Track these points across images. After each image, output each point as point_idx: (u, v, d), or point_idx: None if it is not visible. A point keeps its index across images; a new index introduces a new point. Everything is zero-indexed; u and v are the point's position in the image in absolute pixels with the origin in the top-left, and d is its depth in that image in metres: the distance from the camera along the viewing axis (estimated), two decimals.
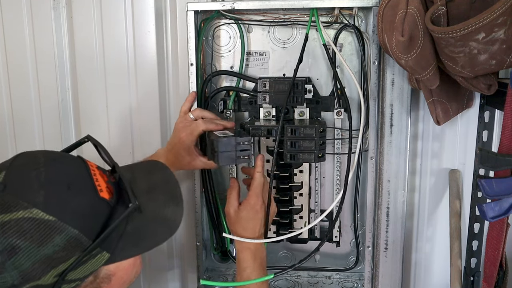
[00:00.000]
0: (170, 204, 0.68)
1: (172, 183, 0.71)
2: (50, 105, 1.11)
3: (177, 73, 1.08)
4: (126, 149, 1.11)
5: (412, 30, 0.72)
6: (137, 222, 0.64)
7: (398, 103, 0.94)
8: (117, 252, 0.62)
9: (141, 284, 1.18)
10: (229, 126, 0.95)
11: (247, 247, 0.90)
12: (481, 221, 0.99)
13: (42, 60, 1.09)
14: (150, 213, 0.65)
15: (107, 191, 0.62)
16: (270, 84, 0.98)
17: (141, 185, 0.68)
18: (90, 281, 0.62)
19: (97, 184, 0.61)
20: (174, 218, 0.68)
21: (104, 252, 0.60)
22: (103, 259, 0.60)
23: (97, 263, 0.60)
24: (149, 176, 0.71)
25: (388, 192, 0.98)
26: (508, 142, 0.72)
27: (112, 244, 0.61)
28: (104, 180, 0.63)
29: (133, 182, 0.67)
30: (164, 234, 0.67)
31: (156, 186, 0.70)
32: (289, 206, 1.07)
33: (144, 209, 0.64)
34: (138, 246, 0.65)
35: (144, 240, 0.65)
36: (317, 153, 0.97)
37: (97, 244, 0.58)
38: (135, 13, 1.05)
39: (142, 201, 0.64)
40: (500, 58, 0.70)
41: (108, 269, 0.63)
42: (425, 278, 1.11)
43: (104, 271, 0.63)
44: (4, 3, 1.07)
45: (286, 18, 0.99)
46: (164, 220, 0.67)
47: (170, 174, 0.73)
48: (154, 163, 0.76)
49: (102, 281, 0.63)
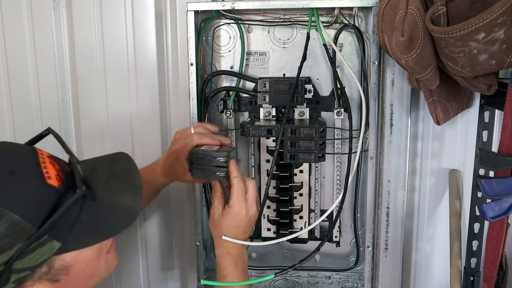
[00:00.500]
0: (128, 193, 0.66)
1: (133, 172, 0.69)
2: (50, 105, 1.11)
3: (177, 73, 1.08)
4: (126, 149, 1.10)
5: (412, 30, 0.72)
6: (92, 211, 0.62)
7: (398, 103, 0.94)
8: (70, 241, 0.60)
9: (141, 284, 1.18)
10: (226, 143, 0.92)
11: (227, 253, 0.86)
12: (481, 221, 0.99)
13: (42, 60, 1.09)
14: (107, 201, 0.64)
15: (57, 179, 0.60)
16: (270, 84, 0.98)
17: (100, 175, 0.67)
18: (44, 272, 0.60)
19: (45, 171, 0.60)
20: (133, 206, 0.65)
21: (53, 241, 0.58)
22: (53, 248, 0.59)
23: (47, 252, 0.58)
24: (110, 166, 0.70)
25: (388, 192, 0.98)
26: (508, 142, 0.72)
27: (62, 232, 0.59)
28: (55, 168, 0.62)
29: (93, 172, 0.65)
30: (122, 223, 0.65)
31: (116, 175, 0.68)
32: (289, 206, 1.07)
33: (101, 197, 0.63)
34: (94, 235, 0.63)
35: (100, 229, 0.63)
36: (317, 153, 0.97)
37: (43, 231, 0.57)
38: (135, 13, 1.05)
39: (99, 190, 0.63)
40: (500, 58, 0.70)
41: (64, 259, 0.61)
42: (425, 278, 1.11)
43: (59, 262, 0.61)
44: (4, 3, 1.07)
45: (286, 18, 0.99)
46: (123, 208, 0.65)
47: (131, 164, 0.71)
48: (118, 154, 0.74)
49: (58, 272, 0.61)
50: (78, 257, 0.63)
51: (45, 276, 0.61)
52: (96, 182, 0.64)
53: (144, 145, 1.11)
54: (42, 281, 0.61)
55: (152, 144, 1.10)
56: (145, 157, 1.11)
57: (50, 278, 0.61)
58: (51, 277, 0.61)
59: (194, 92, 1.00)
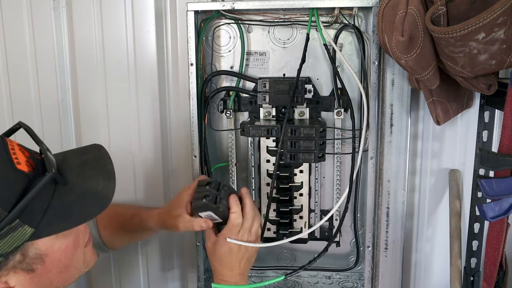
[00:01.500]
0: (100, 179, 0.66)
1: (104, 159, 0.69)
2: (50, 105, 1.11)
3: (177, 73, 1.08)
4: (126, 149, 1.11)
5: (412, 30, 0.72)
6: (64, 196, 0.62)
7: (398, 103, 0.94)
8: (42, 227, 0.59)
9: (141, 284, 1.18)
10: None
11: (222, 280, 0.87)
12: (481, 221, 0.99)
13: (42, 60, 1.09)
14: (79, 187, 0.64)
15: (27, 165, 0.60)
16: (270, 84, 0.98)
17: (71, 162, 0.67)
18: (18, 260, 0.60)
19: (14, 157, 0.60)
20: (105, 192, 0.65)
21: (26, 226, 0.58)
22: (25, 233, 0.58)
23: (19, 238, 0.58)
24: (82, 155, 0.70)
25: (388, 192, 0.98)
26: (508, 142, 0.72)
27: (34, 217, 0.59)
28: (24, 155, 0.62)
29: (64, 161, 0.65)
30: (94, 208, 0.64)
31: (87, 163, 0.68)
32: (289, 206, 1.07)
33: (72, 184, 0.63)
34: (67, 221, 0.62)
35: (73, 215, 0.62)
36: (317, 153, 0.97)
37: (14, 215, 0.56)
38: (135, 13, 1.05)
39: (70, 176, 0.63)
40: (500, 58, 0.70)
41: (38, 247, 0.61)
42: (425, 278, 1.11)
43: (33, 250, 0.61)
44: (4, 3, 1.07)
45: (286, 18, 0.99)
46: (95, 194, 0.64)
47: (103, 153, 0.71)
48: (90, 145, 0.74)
49: (33, 261, 0.61)
50: (53, 246, 0.62)
51: (20, 265, 0.60)
52: (68, 169, 0.64)
53: (144, 145, 1.11)
54: (17, 270, 0.60)
55: (152, 144, 1.10)
56: (145, 157, 1.11)
57: (25, 268, 0.61)
58: (26, 266, 0.61)
59: (194, 92, 1.00)
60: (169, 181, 1.14)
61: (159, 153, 1.11)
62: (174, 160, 1.13)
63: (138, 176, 1.12)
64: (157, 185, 1.12)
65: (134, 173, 1.12)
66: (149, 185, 1.13)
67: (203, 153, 1.04)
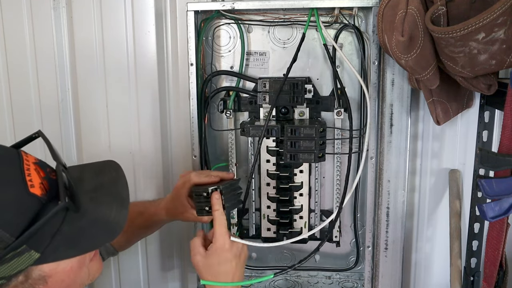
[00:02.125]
0: (114, 206, 0.64)
1: (120, 184, 0.68)
2: (50, 105, 1.11)
3: (177, 73, 1.08)
4: (126, 149, 1.11)
5: (412, 30, 0.72)
6: (75, 223, 0.60)
7: (398, 103, 0.94)
8: (49, 253, 0.58)
9: (141, 284, 1.18)
10: (227, 177, 0.92)
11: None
12: (481, 221, 0.99)
13: (42, 60, 1.09)
14: (91, 214, 0.62)
15: (40, 187, 0.58)
16: (270, 84, 0.98)
17: (87, 185, 0.65)
18: (20, 281, 0.58)
19: (28, 179, 0.58)
20: (117, 220, 0.63)
21: (32, 251, 0.56)
22: (31, 258, 0.56)
23: (24, 262, 0.56)
24: (98, 176, 0.68)
25: (388, 192, 0.98)
26: (508, 142, 0.72)
27: (42, 243, 0.57)
28: (39, 176, 0.60)
29: (79, 181, 0.64)
30: (104, 237, 0.63)
31: (103, 187, 0.66)
32: (289, 206, 1.07)
33: (85, 209, 0.61)
34: (75, 248, 0.60)
35: (81, 242, 0.61)
36: (317, 153, 0.97)
37: (21, 241, 0.54)
38: (135, 13, 1.05)
39: (83, 201, 0.61)
40: (500, 58, 0.70)
41: (42, 270, 0.59)
42: (425, 278, 1.11)
43: (37, 272, 0.59)
44: (4, 3, 1.07)
45: (286, 18, 0.99)
46: (106, 222, 0.63)
47: (120, 175, 0.69)
48: (107, 163, 0.72)
49: (35, 282, 0.59)
50: (57, 268, 0.61)
51: (22, 286, 0.59)
52: (81, 193, 0.62)
53: (144, 145, 1.11)
54: None
55: (152, 144, 1.10)
56: (145, 157, 1.11)
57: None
58: (28, 286, 0.59)
59: (194, 92, 1.00)
60: (169, 181, 1.14)
61: (159, 153, 1.11)
62: (174, 160, 1.13)
63: (138, 176, 1.12)
64: (157, 185, 1.12)
65: (134, 173, 1.12)
66: (149, 185, 1.13)
67: (203, 153, 1.04)
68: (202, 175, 0.92)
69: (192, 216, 0.92)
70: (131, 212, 0.97)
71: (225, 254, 0.82)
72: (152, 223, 1.00)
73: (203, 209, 0.87)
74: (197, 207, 0.89)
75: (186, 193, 0.92)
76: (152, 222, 0.99)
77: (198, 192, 0.88)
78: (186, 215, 0.93)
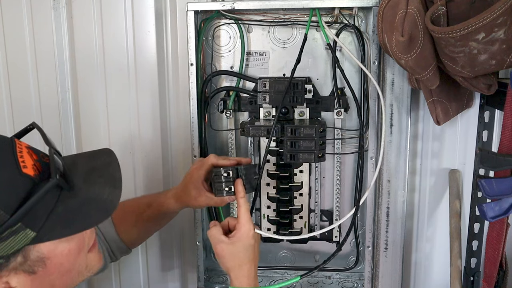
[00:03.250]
0: (107, 186, 0.66)
1: (113, 166, 0.70)
2: (50, 105, 1.11)
3: (177, 73, 1.08)
4: (126, 149, 1.11)
5: (412, 30, 0.72)
6: (70, 203, 0.62)
7: (398, 103, 0.94)
8: (45, 232, 0.59)
9: (141, 284, 1.18)
10: (243, 162, 0.91)
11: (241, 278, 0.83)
12: (481, 221, 0.99)
13: (42, 60, 1.09)
14: (84, 194, 0.64)
15: (33, 168, 0.60)
16: (270, 84, 0.98)
17: (80, 168, 0.67)
18: (19, 262, 0.59)
19: (21, 160, 0.60)
20: (110, 199, 0.65)
21: (28, 230, 0.58)
22: (27, 237, 0.58)
23: (21, 241, 0.58)
24: (91, 161, 0.70)
25: (388, 192, 0.98)
26: (508, 142, 0.72)
27: (37, 222, 0.59)
28: (32, 158, 0.62)
29: (73, 165, 0.66)
30: (98, 215, 0.64)
31: (96, 169, 0.68)
32: (289, 206, 1.07)
33: (78, 189, 0.63)
34: (70, 227, 0.62)
35: (75, 221, 0.62)
36: (317, 153, 0.97)
37: (16, 218, 0.56)
38: (135, 13, 1.05)
39: (77, 181, 0.63)
40: (500, 58, 0.70)
41: (40, 251, 0.61)
42: (425, 278, 1.11)
43: (35, 253, 0.60)
44: (4, 3, 1.07)
45: (286, 18, 0.99)
46: (100, 201, 0.64)
47: (113, 159, 0.71)
48: (101, 150, 0.74)
49: (34, 264, 0.61)
50: (55, 250, 0.62)
51: (21, 267, 0.60)
52: (75, 175, 0.64)
53: (144, 145, 1.11)
54: (18, 272, 0.60)
55: (152, 144, 1.10)
56: (145, 157, 1.11)
57: (26, 270, 0.61)
58: (27, 268, 0.60)
59: (194, 92, 1.00)
60: (169, 181, 1.14)
61: (159, 153, 1.11)
62: (174, 160, 1.13)
63: (138, 176, 1.12)
64: (157, 185, 1.13)
65: (134, 173, 1.12)
66: (149, 185, 1.13)
67: (203, 153, 1.04)
68: (221, 158, 0.91)
69: (205, 200, 0.90)
70: (139, 205, 0.99)
71: (250, 240, 0.83)
72: (161, 214, 0.98)
73: (223, 189, 0.87)
74: (216, 187, 0.88)
75: (203, 175, 0.90)
76: (161, 213, 0.98)
77: (218, 172, 0.87)
78: (199, 199, 0.91)
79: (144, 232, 1.01)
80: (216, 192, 0.88)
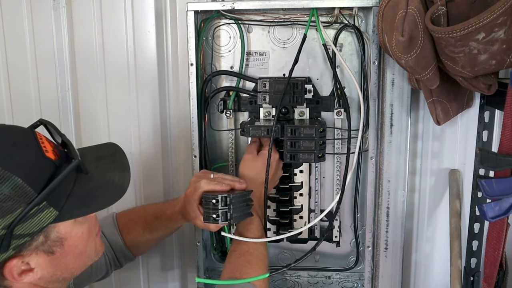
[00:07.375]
0: (116, 171, 0.72)
1: (119, 154, 0.76)
2: (50, 105, 1.11)
3: (177, 73, 1.09)
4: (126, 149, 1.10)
5: (412, 30, 0.72)
6: (85, 185, 0.67)
7: (398, 103, 0.94)
8: (65, 211, 0.64)
9: (141, 284, 1.18)
10: (237, 187, 0.91)
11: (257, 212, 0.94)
12: (481, 221, 0.99)
13: (42, 60, 1.09)
14: (97, 177, 0.69)
15: (53, 153, 0.66)
16: (270, 84, 0.98)
17: (89, 157, 0.72)
18: (41, 242, 0.64)
19: (42, 145, 0.65)
20: (121, 182, 0.71)
21: (51, 208, 0.62)
22: (51, 215, 0.62)
23: (45, 219, 0.62)
24: (98, 151, 0.76)
25: (388, 192, 0.98)
26: (508, 142, 0.72)
27: (59, 201, 0.63)
28: (51, 145, 0.67)
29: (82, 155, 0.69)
30: (111, 197, 0.70)
31: (104, 157, 0.74)
32: (289, 206, 1.07)
33: (91, 173, 0.69)
34: (87, 207, 0.67)
35: (92, 202, 0.68)
36: (317, 153, 0.97)
37: (43, 197, 0.61)
38: (135, 13, 1.05)
39: (89, 168, 0.69)
40: (500, 58, 0.70)
41: (59, 231, 0.65)
42: (425, 278, 1.11)
43: (55, 233, 0.65)
44: (4, 3, 1.07)
45: (286, 18, 0.99)
46: (112, 184, 0.70)
47: (118, 149, 0.78)
48: (104, 143, 0.80)
49: (53, 244, 0.65)
50: (71, 231, 0.67)
51: (42, 247, 0.64)
52: (87, 162, 0.69)
53: (144, 145, 1.11)
54: (38, 251, 0.64)
55: (152, 144, 1.10)
56: (145, 157, 1.11)
57: (46, 249, 0.65)
58: (47, 248, 0.65)
59: (194, 92, 1.00)
60: (169, 181, 1.14)
61: (159, 153, 1.11)
62: (174, 160, 1.13)
63: (138, 176, 1.12)
64: (157, 185, 1.13)
65: (134, 173, 1.12)
66: (149, 185, 1.13)
67: (203, 153, 1.04)
68: (213, 183, 0.90)
69: (200, 223, 0.91)
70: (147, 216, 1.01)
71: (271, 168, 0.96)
72: (169, 227, 1.00)
73: (210, 217, 0.86)
74: (204, 213, 0.87)
75: (197, 200, 0.90)
76: (169, 226, 1.00)
77: (208, 198, 0.87)
78: (197, 221, 0.92)
79: (150, 241, 1.03)
80: (205, 218, 0.88)
